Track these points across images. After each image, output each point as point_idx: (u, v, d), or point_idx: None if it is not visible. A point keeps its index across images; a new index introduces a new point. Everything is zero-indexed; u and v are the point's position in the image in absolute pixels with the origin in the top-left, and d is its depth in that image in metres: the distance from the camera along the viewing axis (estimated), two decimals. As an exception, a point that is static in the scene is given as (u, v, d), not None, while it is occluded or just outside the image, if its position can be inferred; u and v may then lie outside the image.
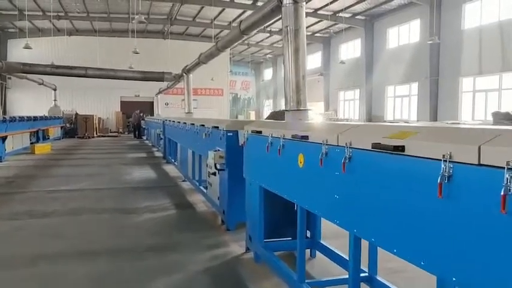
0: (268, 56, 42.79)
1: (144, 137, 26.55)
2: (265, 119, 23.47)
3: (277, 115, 24.58)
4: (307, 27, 31.62)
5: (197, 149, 7.69)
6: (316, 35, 33.04)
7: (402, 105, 25.82)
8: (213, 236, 5.34)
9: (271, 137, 3.75)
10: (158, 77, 17.83)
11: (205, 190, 7.15)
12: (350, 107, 31.45)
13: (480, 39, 19.58)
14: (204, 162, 7.44)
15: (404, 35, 25.31)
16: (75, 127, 27.42)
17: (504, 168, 1.51)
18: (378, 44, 27.45)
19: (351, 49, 30.75)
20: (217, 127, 5.91)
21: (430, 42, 20.33)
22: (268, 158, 3.82)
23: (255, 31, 8.02)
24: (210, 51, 10.76)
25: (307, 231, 4.56)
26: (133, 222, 6.08)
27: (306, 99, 5.21)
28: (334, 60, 32.67)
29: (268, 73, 45.92)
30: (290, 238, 4.68)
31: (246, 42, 35.83)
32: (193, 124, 8.06)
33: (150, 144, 20.80)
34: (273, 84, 43.71)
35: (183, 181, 9.64)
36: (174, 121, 11.17)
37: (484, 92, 20.05)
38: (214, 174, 6.28)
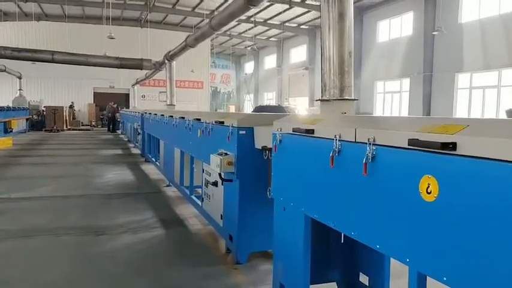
0: (250, 48, 41.20)
1: (119, 131, 24.61)
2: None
3: (263, 110, 23.18)
4: (292, 19, 30.48)
5: (189, 149, 6.13)
6: (302, 26, 31.69)
7: (392, 101, 24.80)
8: (219, 275, 3.83)
9: (339, 141, 2.28)
10: (136, 64, 16.00)
11: (199, 202, 5.62)
12: (336, 102, 30.16)
13: (479, 33, 18.60)
14: (199, 166, 5.90)
15: (396, 28, 24.21)
16: (43, 119, 25.19)
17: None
18: (367, 37, 26.33)
19: (338, 42, 29.41)
20: (222, 122, 4.38)
21: (436, 33, 19.19)
22: (332, 176, 2.35)
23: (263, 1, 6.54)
24: (201, 31, 9.13)
25: (366, 276, 3.12)
26: (107, 250, 4.49)
27: (352, 85, 3.74)
28: (320, 54, 31.34)
29: (249, 66, 44.42)
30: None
31: (227, 33, 34.24)
32: (182, 118, 6.49)
33: (126, 139, 18.98)
34: (255, 78, 42.26)
35: (168, 186, 8.06)
36: (156, 114, 9.52)
37: (482, 88, 19.13)
38: (215, 184, 4.77)
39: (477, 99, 19.36)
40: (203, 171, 5.37)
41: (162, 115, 8.55)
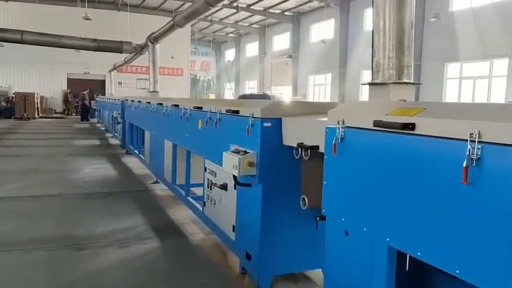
0: (231, 35, 40.03)
1: (95, 120, 23.25)
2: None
3: (246, 98, 22.27)
4: (275, 5, 29.48)
5: (185, 143, 5.21)
6: (285, 13, 30.76)
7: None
8: (240, 308, 2.99)
9: (479, 143, 1.45)
10: (115, 47, 14.75)
11: (198, 206, 4.74)
12: (320, 92, 29.62)
13: (471, 22, 18.12)
14: (198, 164, 5.01)
15: (384, 16, 23.57)
16: (12, 106, 23.56)
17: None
18: (354, 25, 25.67)
19: (323, 30, 28.71)
20: (237, 111, 3.50)
21: (433, 19, 18.54)
22: (462, 197, 1.52)
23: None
24: (194, 8, 8.04)
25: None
26: (90, 271, 3.57)
27: (412, 65, 2.92)
28: (304, 42, 30.65)
29: (230, 54, 43.26)
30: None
31: (208, 18, 32.98)
32: (176, 106, 5.56)
33: (103, 129, 17.76)
34: (236, 66, 41.20)
35: (155, 183, 7.12)
36: (140, 101, 8.50)
37: (472, 79, 18.75)
38: (224, 187, 3.89)
39: (467, 90, 18.99)
40: (205, 170, 4.48)
41: (149, 102, 7.55)
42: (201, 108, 4.51)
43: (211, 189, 4.31)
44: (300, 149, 2.91)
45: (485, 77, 18.22)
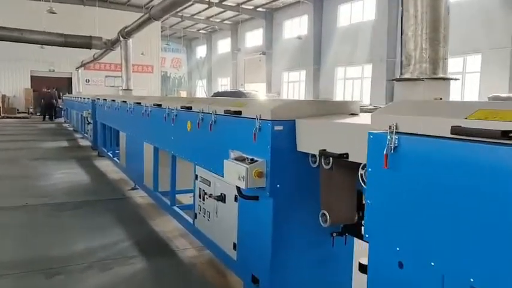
0: (202, 31, 39.25)
1: (62, 120, 22.12)
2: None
3: (221, 96, 21.68)
4: (247, 1, 28.98)
5: (171, 147, 4.68)
6: (258, 9, 30.31)
7: (353, 87, 24.27)
8: None
9: None
10: (84, 42, 13.86)
11: (188, 218, 4.24)
12: (295, 89, 29.39)
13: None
14: (182, 167, 4.52)
15: (358, 12, 23.53)
16: (-29, 106, 22.14)
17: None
18: (328, 21, 25.53)
19: (296, 26, 28.46)
20: (239, 112, 3.02)
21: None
22: None
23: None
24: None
25: None
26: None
27: (448, 59, 2.54)
28: (277, 38, 30.32)
29: (201, 50, 42.45)
30: None
31: (179, 14, 32.13)
32: (158, 105, 5.01)
33: (71, 129, 16.81)
34: (208, 62, 40.47)
35: (133, 189, 6.54)
36: (114, 100, 7.85)
37: (446, 75, 18.86)
38: (221, 199, 3.42)
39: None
40: (196, 178, 3.98)
41: (124, 101, 6.94)
42: (190, 108, 4.00)
43: (204, 199, 3.82)
44: (319, 157, 2.48)
45: (459, 72, 18.37)
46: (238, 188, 2.88)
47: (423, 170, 1.61)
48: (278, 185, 2.69)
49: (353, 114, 2.73)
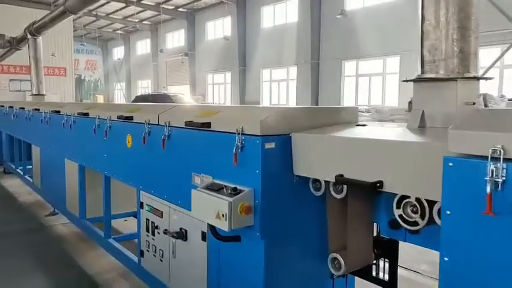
0: (119, 31, 37.02)
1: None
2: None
3: (145, 101, 20.30)
4: (168, 1, 27.75)
5: (105, 167, 3.78)
6: (179, 9, 29.18)
7: (279, 89, 24.24)
8: None
9: None
10: (-21, 41, 11.92)
11: (131, 256, 3.40)
12: (220, 91, 28.78)
13: (364, 21, 18.77)
14: (119, 191, 3.68)
15: (281, 14, 23.53)
16: None
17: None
18: (252, 23, 25.25)
19: (220, 27, 27.86)
20: (208, 124, 2.29)
21: (330, 18, 18.57)
22: None
23: None
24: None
25: None
26: None
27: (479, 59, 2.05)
28: (201, 39, 29.47)
29: (119, 52, 40.10)
30: None
31: (93, 12, 29.94)
32: (85, 115, 4.06)
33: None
34: (126, 64, 38.32)
35: (52, 214, 5.44)
36: (24, 108, 6.56)
37: (368, 76, 19.49)
38: (181, 236, 2.66)
39: (364, 87, 19.69)
40: (141, 206, 3.16)
41: (37, 109, 5.77)
42: (130, 118, 3.17)
43: (152, 234, 3.02)
44: (326, 183, 1.87)
45: (380, 74, 19.03)
46: (212, 227, 2.16)
47: None
48: (271, 223, 2.02)
49: (361, 125, 2.14)
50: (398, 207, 1.70)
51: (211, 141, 2.26)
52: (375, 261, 2.10)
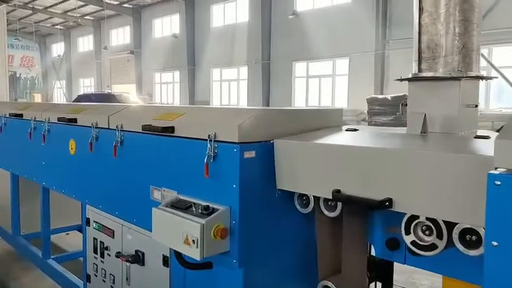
0: (59, 27, 34.96)
1: None
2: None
3: (88, 100, 19.18)
4: (112, -4, 26.55)
5: (43, 177, 3.26)
6: (124, 5, 28.01)
7: (230, 89, 23.93)
8: None
9: None
10: None
11: (75, 279, 2.94)
12: (168, 90, 27.97)
13: (314, 22, 18.91)
14: (64, 203, 3.20)
15: (232, 13, 23.22)
16: None
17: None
18: (201, 21, 24.74)
19: (167, 25, 27.06)
20: (170, 129, 1.92)
21: (279, 19, 18.50)
22: None
23: None
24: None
25: None
26: None
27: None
28: (147, 37, 28.47)
29: (58, 48, 37.90)
30: None
31: (30, 6, 28.02)
32: (18, 116, 3.52)
33: None
34: (67, 62, 36.30)
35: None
36: None
37: (318, 77, 19.67)
38: (137, 260, 2.27)
39: (314, 88, 19.86)
40: (87, 223, 2.71)
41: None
42: (74, 121, 2.71)
43: (102, 256, 2.59)
44: (315, 199, 1.58)
45: (330, 75, 19.26)
46: (178, 254, 1.79)
47: None
48: (251, 248, 1.69)
49: (352, 129, 1.86)
50: (407, 231, 1.43)
51: (176, 149, 1.90)
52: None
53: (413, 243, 1.40)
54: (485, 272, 1.05)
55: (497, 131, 1.89)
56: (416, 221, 1.42)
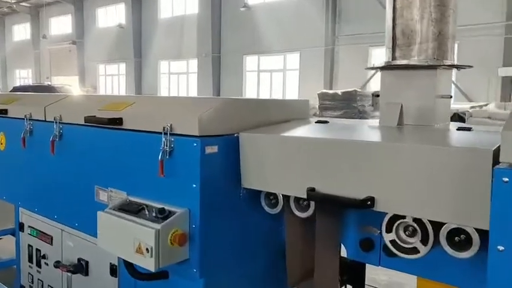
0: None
1: None
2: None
3: (23, 91, 17.95)
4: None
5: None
6: (65, -7, 26.50)
7: (179, 82, 23.38)
8: None
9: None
10: None
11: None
12: (114, 83, 26.87)
13: (265, 16, 18.86)
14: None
15: (180, 4, 22.62)
16: None
17: None
18: (148, 11, 23.93)
19: (112, 15, 25.92)
20: (119, 120, 1.68)
21: (231, 12, 18.23)
22: None
23: None
24: None
25: None
26: None
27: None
28: (90, 27, 27.14)
29: (-10, 36, 35.26)
30: None
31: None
32: None
33: None
34: (1, 51, 33.95)
35: None
36: None
37: (269, 72, 19.66)
38: (79, 270, 2.01)
39: (266, 82, 19.83)
40: (21, 228, 2.39)
41: None
42: (4, 112, 2.36)
43: (39, 265, 2.29)
44: (284, 199, 1.42)
45: (280, 70, 19.30)
46: (128, 264, 1.56)
47: None
48: (213, 255, 1.50)
49: (322, 121, 1.71)
50: (389, 229, 1.30)
51: (125, 144, 1.66)
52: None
53: (392, 242, 1.27)
54: (489, 280, 0.93)
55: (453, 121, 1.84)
56: (399, 221, 1.29)
